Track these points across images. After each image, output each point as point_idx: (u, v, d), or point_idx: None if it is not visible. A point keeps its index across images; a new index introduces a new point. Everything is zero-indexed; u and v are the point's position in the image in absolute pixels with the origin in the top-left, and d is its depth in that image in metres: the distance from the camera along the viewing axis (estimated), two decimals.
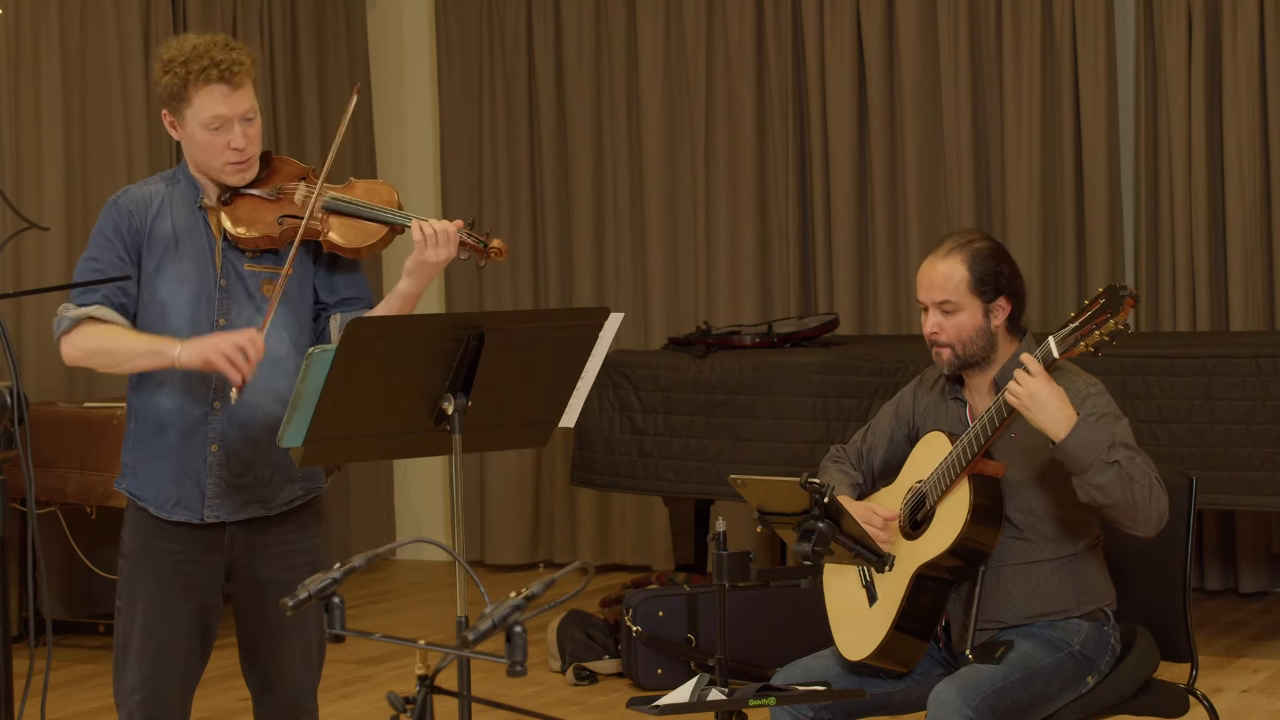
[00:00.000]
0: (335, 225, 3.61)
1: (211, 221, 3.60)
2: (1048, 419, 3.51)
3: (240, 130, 3.53)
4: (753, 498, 3.71)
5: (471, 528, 8.31)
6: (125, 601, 3.65)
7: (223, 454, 3.58)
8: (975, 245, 3.75)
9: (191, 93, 3.50)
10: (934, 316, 3.75)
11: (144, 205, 3.59)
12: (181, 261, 3.57)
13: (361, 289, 3.71)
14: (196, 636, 3.64)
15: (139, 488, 3.63)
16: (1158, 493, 3.56)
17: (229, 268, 3.59)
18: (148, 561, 3.62)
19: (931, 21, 7.50)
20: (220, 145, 3.53)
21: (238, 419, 3.57)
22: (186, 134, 3.56)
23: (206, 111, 3.50)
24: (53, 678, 3.94)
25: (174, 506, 3.60)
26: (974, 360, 3.75)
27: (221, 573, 3.66)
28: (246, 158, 3.56)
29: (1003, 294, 3.74)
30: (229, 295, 3.58)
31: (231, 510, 3.60)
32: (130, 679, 3.62)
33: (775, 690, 3.52)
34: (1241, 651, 6.23)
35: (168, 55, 3.53)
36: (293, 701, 3.71)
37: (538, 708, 5.52)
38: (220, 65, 3.48)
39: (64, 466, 6.21)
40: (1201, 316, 7.06)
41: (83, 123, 7.14)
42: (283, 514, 3.66)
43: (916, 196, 7.51)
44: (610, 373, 6.52)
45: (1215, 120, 7.08)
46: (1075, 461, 3.52)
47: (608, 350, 3.53)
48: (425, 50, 8.52)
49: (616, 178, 8.09)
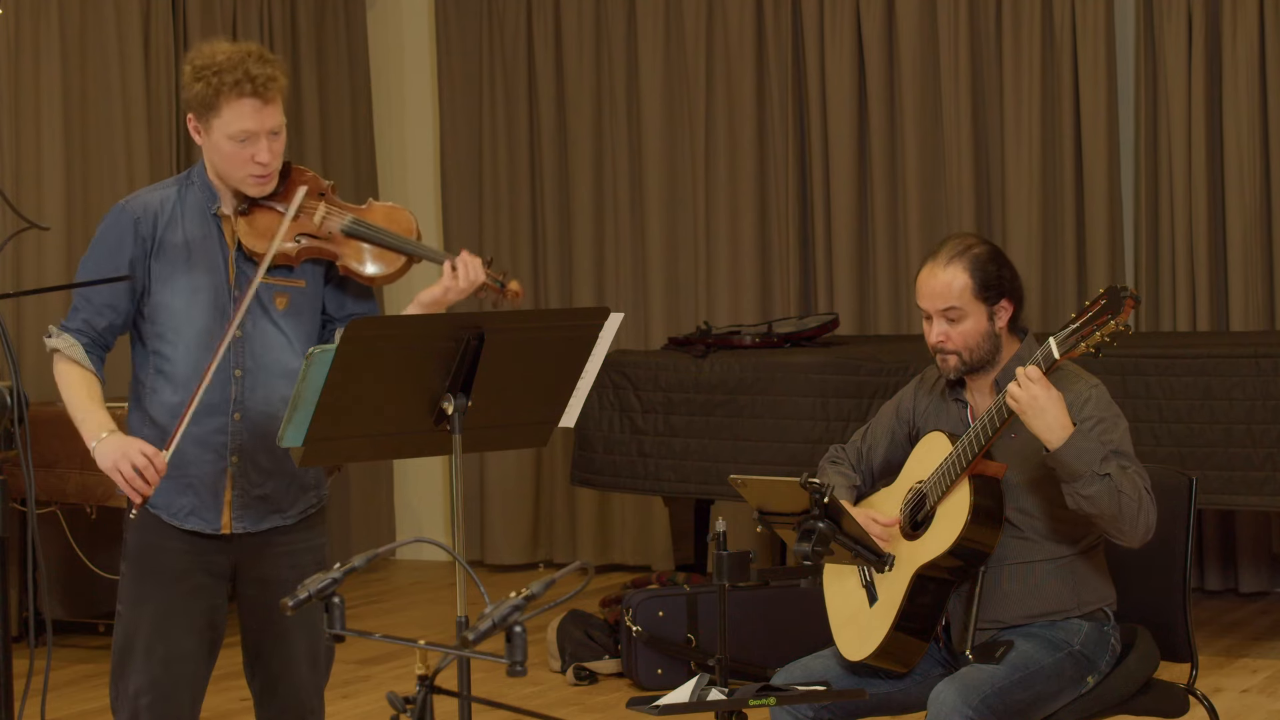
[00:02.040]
0: (353, 251, 3.58)
1: (225, 230, 3.57)
2: (1044, 426, 3.51)
3: (266, 145, 3.49)
4: (753, 498, 3.71)
5: (471, 528, 8.31)
6: (129, 604, 3.62)
7: (242, 465, 3.57)
8: (974, 251, 3.75)
9: (222, 103, 3.46)
10: (939, 324, 3.74)
11: (153, 212, 3.56)
12: (195, 272, 3.54)
13: (370, 307, 3.70)
14: (205, 638, 3.63)
15: (154, 492, 3.61)
16: (1146, 505, 3.57)
17: (242, 279, 3.56)
18: (155, 563, 3.60)
19: (931, 21, 7.50)
20: (245, 157, 3.49)
21: (257, 430, 3.56)
22: (211, 142, 3.51)
23: (235, 124, 3.46)
24: (53, 678, 3.94)
25: (188, 515, 3.58)
26: (980, 364, 3.75)
27: (228, 573, 3.64)
28: (269, 172, 3.53)
29: (1005, 296, 3.74)
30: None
31: (254, 521, 3.60)
32: (136, 682, 3.58)
33: (775, 690, 3.52)
34: (1241, 651, 6.23)
35: (200, 61, 3.49)
36: (298, 703, 3.69)
37: (538, 708, 5.52)
38: (255, 80, 3.44)
39: (64, 466, 6.20)
40: (1201, 316, 7.06)
41: (83, 123, 7.14)
42: (297, 521, 3.66)
43: (916, 196, 7.51)
44: (610, 373, 6.52)
45: (1215, 120, 7.08)
46: (1067, 470, 3.53)
47: (608, 350, 3.53)
48: (425, 50, 8.52)
49: (616, 178, 8.09)
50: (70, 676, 6.15)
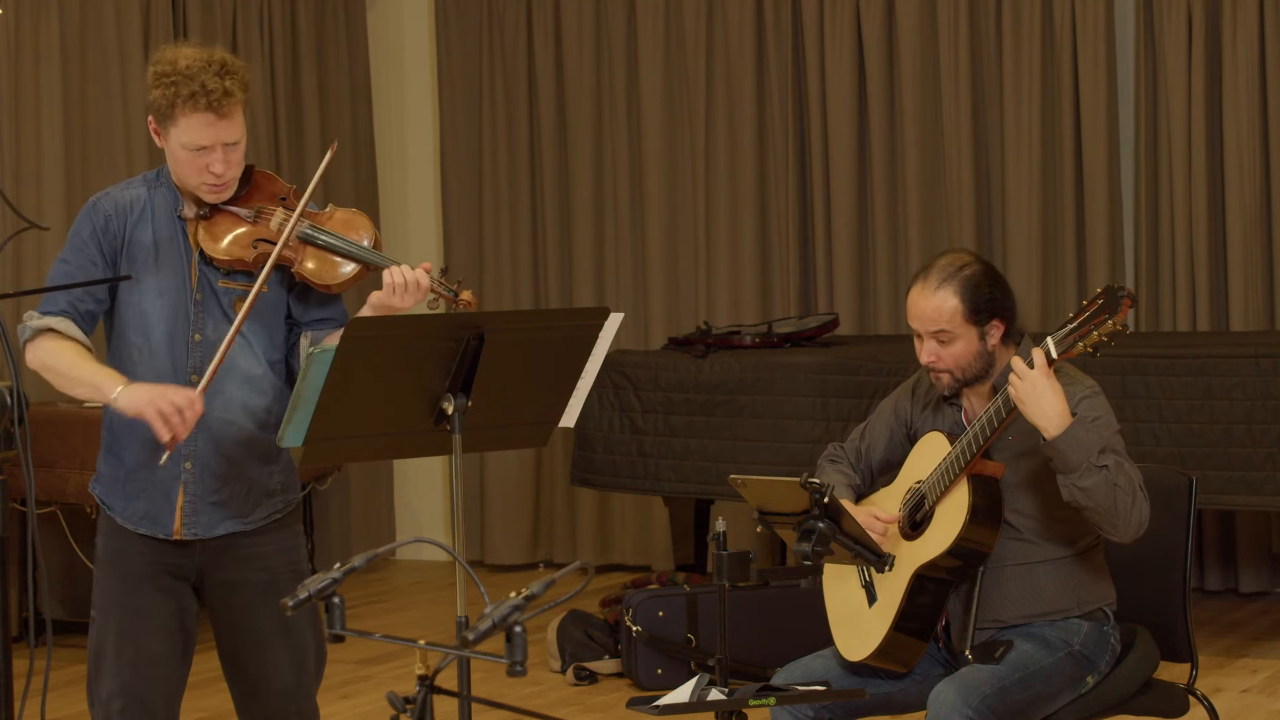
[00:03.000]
0: (310, 256, 3.55)
1: (189, 233, 3.56)
2: (1042, 414, 3.51)
3: (221, 155, 3.47)
4: (753, 498, 3.71)
5: (471, 528, 8.31)
6: (99, 609, 3.61)
7: (196, 471, 3.54)
8: (966, 273, 3.74)
9: (178, 114, 3.44)
10: (930, 345, 3.75)
11: (124, 211, 3.55)
12: (161, 273, 3.53)
13: (335, 310, 3.65)
14: (177, 640, 3.59)
15: (108, 495, 3.60)
16: (1140, 501, 3.57)
17: (204, 282, 3.55)
18: (119, 566, 3.58)
19: (931, 21, 7.50)
20: (199, 166, 3.47)
21: (212, 435, 3.53)
22: (169, 149, 3.51)
23: (189, 136, 3.44)
24: (53, 678, 3.93)
25: (140, 519, 3.56)
26: (973, 380, 3.77)
27: (192, 576, 3.60)
28: (224, 182, 3.51)
29: (996, 316, 3.74)
30: (204, 309, 3.54)
31: (206, 527, 3.56)
32: (108, 687, 3.56)
33: (775, 690, 3.52)
34: (1241, 651, 6.23)
35: (159, 68, 3.47)
36: (282, 707, 3.62)
37: (538, 708, 5.52)
38: (211, 95, 3.41)
39: (64, 466, 6.20)
40: (1201, 316, 7.06)
41: (83, 123, 7.14)
42: (262, 526, 3.62)
43: (916, 196, 7.51)
44: (610, 373, 6.52)
45: (1215, 120, 7.08)
46: (1064, 461, 3.52)
47: (608, 350, 3.53)
48: (425, 51, 8.52)
49: (616, 178, 8.08)
50: (70, 676, 6.13)
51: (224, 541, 3.58)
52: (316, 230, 3.56)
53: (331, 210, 3.64)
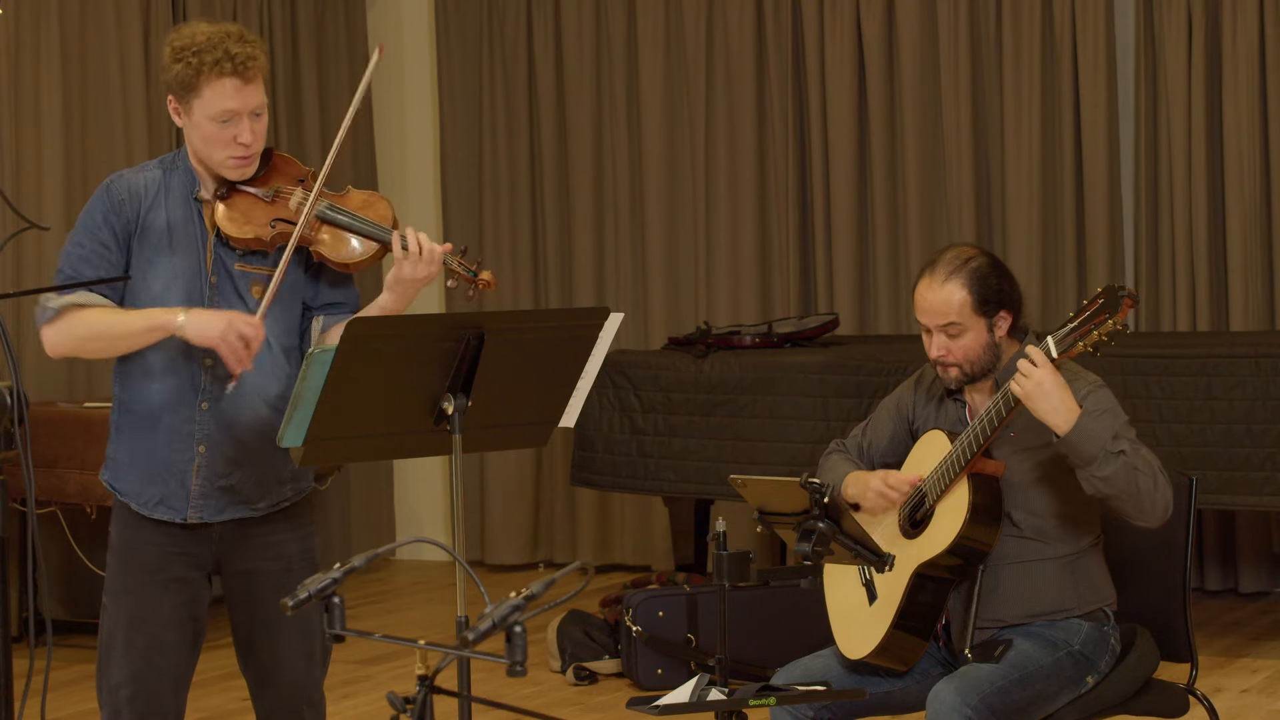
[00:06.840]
0: (327, 236, 3.54)
1: (205, 215, 3.55)
2: (1051, 410, 3.51)
3: (248, 125, 3.47)
4: (753, 498, 3.71)
5: (471, 528, 8.31)
6: (111, 596, 3.60)
7: (209, 454, 3.53)
8: (972, 265, 3.75)
9: (202, 84, 3.43)
10: (939, 339, 3.75)
11: (138, 195, 3.54)
12: (175, 256, 3.52)
13: (348, 295, 3.64)
14: (187, 630, 3.59)
15: (120, 482, 3.59)
16: (1162, 482, 3.57)
17: (219, 265, 3.53)
18: (133, 555, 3.57)
19: (931, 21, 7.50)
20: (226, 138, 3.47)
21: (225, 419, 3.53)
22: (192, 123, 3.49)
23: (216, 105, 3.44)
24: (53, 678, 3.94)
25: (156, 505, 3.55)
26: (982, 373, 3.77)
27: (209, 565, 3.61)
28: (251, 153, 3.50)
29: (1004, 307, 3.75)
30: (219, 293, 3.52)
31: (215, 511, 3.55)
32: (117, 675, 3.57)
33: (775, 690, 3.53)
34: (1241, 651, 6.23)
35: (179, 43, 3.47)
36: (291, 695, 3.64)
37: (538, 708, 5.52)
38: (235, 59, 3.42)
39: (64, 466, 6.20)
40: (1201, 316, 7.06)
41: (83, 123, 7.13)
42: (270, 514, 3.61)
43: (916, 196, 7.51)
44: (610, 373, 6.52)
45: (1215, 120, 7.08)
46: (1080, 454, 3.52)
47: (608, 350, 3.53)
48: (425, 50, 8.52)
49: (616, 178, 8.09)
50: (70, 676, 6.14)
51: (238, 530, 3.58)
52: (335, 210, 3.55)
53: (349, 190, 3.64)
